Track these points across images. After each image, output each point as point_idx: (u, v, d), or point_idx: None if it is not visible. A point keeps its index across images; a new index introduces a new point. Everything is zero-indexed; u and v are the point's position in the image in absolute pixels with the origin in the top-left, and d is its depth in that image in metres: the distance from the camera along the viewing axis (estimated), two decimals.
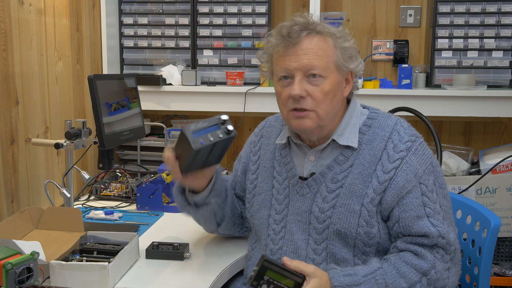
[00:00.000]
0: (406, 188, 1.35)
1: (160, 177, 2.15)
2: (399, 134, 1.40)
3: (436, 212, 1.35)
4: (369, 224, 1.37)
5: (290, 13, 2.87)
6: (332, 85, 1.38)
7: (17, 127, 1.93)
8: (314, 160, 1.46)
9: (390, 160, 1.37)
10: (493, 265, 2.49)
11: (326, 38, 1.38)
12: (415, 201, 1.35)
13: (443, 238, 1.33)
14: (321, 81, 1.36)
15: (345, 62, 1.40)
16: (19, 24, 1.93)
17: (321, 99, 1.37)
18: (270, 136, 1.60)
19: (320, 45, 1.37)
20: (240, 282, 1.61)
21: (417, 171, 1.36)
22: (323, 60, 1.36)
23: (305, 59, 1.36)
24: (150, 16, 2.81)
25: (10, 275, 1.22)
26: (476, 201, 1.69)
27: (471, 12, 2.63)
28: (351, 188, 1.39)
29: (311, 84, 1.36)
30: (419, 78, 2.69)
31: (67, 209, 1.81)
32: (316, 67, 1.35)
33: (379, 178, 1.37)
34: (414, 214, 1.35)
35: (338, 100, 1.42)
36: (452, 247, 1.34)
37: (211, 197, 1.50)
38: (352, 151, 1.42)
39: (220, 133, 1.32)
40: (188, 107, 2.70)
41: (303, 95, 1.36)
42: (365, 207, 1.37)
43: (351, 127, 1.44)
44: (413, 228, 1.34)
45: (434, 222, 1.34)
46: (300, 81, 1.36)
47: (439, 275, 1.32)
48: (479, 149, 2.72)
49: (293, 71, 1.37)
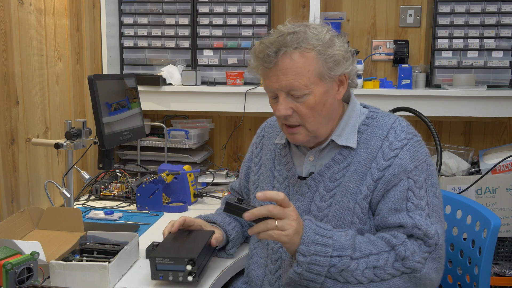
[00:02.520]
0: (393, 182, 1.35)
1: (160, 177, 2.15)
2: (396, 132, 1.41)
3: (419, 208, 1.33)
4: (362, 221, 1.37)
5: (290, 13, 2.88)
6: (318, 98, 1.37)
7: (17, 127, 1.93)
8: (313, 160, 1.47)
9: (385, 158, 1.38)
10: (493, 265, 2.49)
11: (305, 53, 1.34)
12: (398, 194, 1.34)
13: (419, 229, 1.30)
14: (305, 98, 1.36)
15: (331, 70, 1.37)
16: (19, 24, 1.93)
17: (308, 114, 1.37)
18: (270, 136, 1.61)
19: (298, 63, 1.34)
20: (240, 281, 1.61)
21: (407, 166, 1.36)
22: (303, 77, 1.34)
23: (283, 80, 1.35)
24: (150, 16, 2.81)
25: (10, 275, 1.22)
26: (476, 201, 1.69)
27: (471, 12, 2.63)
28: (347, 186, 1.39)
29: (296, 101, 1.37)
30: (419, 78, 2.69)
31: (67, 209, 1.81)
32: (295, 87, 1.35)
33: (373, 176, 1.37)
34: (392, 206, 1.34)
35: (329, 107, 1.41)
36: (432, 240, 1.30)
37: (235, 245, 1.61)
38: (350, 150, 1.43)
39: (180, 276, 1.35)
40: (188, 107, 2.70)
41: (288, 113, 1.37)
42: (359, 204, 1.37)
43: (350, 127, 1.44)
44: (389, 220, 1.34)
45: (413, 216, 1.32)
46: (284, 100, 1.37)
47: (408, 253, 1.28)
48: (479, 149, 2.72)
49: (275, 91, 1.38)
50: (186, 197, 2.17)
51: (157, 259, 1.34)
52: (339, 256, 1.27)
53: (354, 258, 1.28)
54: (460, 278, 1.67)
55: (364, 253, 1.29)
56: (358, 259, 1.28)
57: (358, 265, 1.27)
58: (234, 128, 2.99)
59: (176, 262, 1.34)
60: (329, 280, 1.28)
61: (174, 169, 2.20)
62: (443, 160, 2.47)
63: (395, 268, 1.28)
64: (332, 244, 1.28)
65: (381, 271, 1.28)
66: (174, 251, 1.38)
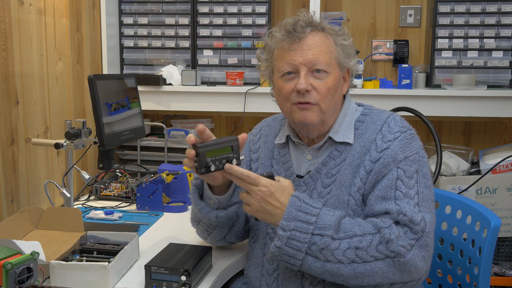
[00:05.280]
0: (383, 172, 1.36)
1: (160, 177, 2.15)
2: (389, 126, 1.43)
3: (408, 196, 1.32)
4: (356, 213, 1.38)
5: (290, 13, 2.88)
6: (334, 81, 1.42)
7: (17, 127, 1.93)
8: (311, 159, 1.48)
9: (377, 150, 1.39)
10: (493, 265, 2.50)
11: (328, 35, 1.43)
12: (386, 182, 1.35)
13: (404, 215, 1.28)
14: (325, 76, 1.40)
15: (345, 59, 1.45)
16: (19, 24, 1.93)
17: (325, 93, 1.40)
18: (268, 134, 1.61)
19: (324, 41, 1.41)
20: (240, 282, 1.61)
21: (397, 156, 1.36)
22: (326, 55, 1.40)
23: (310, 54, 1.39)
24: (150, 16, 2.81)
25: (10, 275, 1.22)
26: (476, 201, 1.69)
27: (471, 12, 2.63)
28: (342, 180, 1.41)
29: (316, 78, 1.40)
30: (419, 78, 2.69)
31: (67, 209, 1.81)
32: (320, 62, 1.39)
33: (366, 168, 1.39)
34: (380, 194, 1.34)
35: (338, 96, 1.46)
36: (418, 227, 1.28)
37: (236, 197, 1.49)
38: (346, 146, 1.44)
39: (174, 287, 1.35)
40: (188, 107, 2.70)
41: (308, 88, 1.39)
42: (353, 197, 1.38)
43: (346, 124, 1.47)
44: (375, 208, 1.34)
45: (399, 203, 1.31)
46: (306, 76, 1.39)
47: (393, 236, 1.26)
48: (479, 149, 2.72)
49: (298, 66, 1.40)
50: (186, 197, 2.17)
51: (153, 268, 1.35)
52: (320, 234, 1.27)
53: (336, 238, 1.27)
54: (460, 278, 1.67)
55: (348, 234, 1.28)
56: (341, 239, 1.27)
57: (340, 245, 1.27)
58: (234, 128, 2.99)
59: (171, 273, 1.34)
60: (310, 257, 1.28)
61: (174, 169, 2.21)
62: (443, 160, 2.47)
63: (378, 251, 1.27)
64: (315, 222, 1.28)
65: (364, 252, 1.27)
66: (170, 261, 1.38)
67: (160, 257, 1.42)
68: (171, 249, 1.48)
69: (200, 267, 1.42)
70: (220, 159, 1.32)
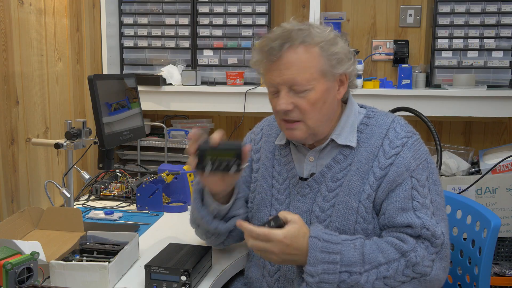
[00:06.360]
0: (397, 181, 1.35)
1: (160, 177, 2.15)
2: (395, 130, 1.41)
3: (425, 206, 1.33)
4: (366, 220, 1.37)
5: (290, 13, 2.87)
6: (319, 94, 1.36)
7: (17, 127, 1.93)
8: (313, 161, 1.47)
9: (386, 156, 1.38)
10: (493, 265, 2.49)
11: (310, 48, 1.35)
12: (403, 193, 1.34)
13: (427, 230, 1.30)
14: (306, 93, 1.35)
15: (333, 68, 1.37)
16: (19, 24, 1.93)
17: (309, 109, 1.37)
18: (269, 134, 1.61)
19: (302, 57, 1.34)
20: (240, 282, 1.60)
21: (410, 165, 1.36)
22: (306, 72, 1.34)
23: (287, 74, 1.34)
24: (150, 16, 2.81)
25: (10, 275, 1.22)
26: (476, 201, 1.69)
27: (471, 12, 2.63)
28: (349, 186, 1.39)
29: (298, 96, 1.36)
30: (419, 78, 2.69)
31: (67, 209, 1.81)
32: (298, 82, 1.34)
33: (375, 174, 1.37)
34: (399, 206, 1.34)
35: (329, 106, 1.41)
36: (439, 240, 1.30)
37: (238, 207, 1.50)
38: (351, 150, 1.43)
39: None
40: (188, 107, 2.70)
41: (288, 108, 1.36)
42: (362, 204, 1.37)
43: (349, 126, 1.45)
44: (396, 220, 1.33)
45: (420, 215, 1.32)
46: (286, 95, 1.36)
47: (419, 259, 1.28)
48: (479, 149, 2.72)
49: (277, 86, 1.37)
50: (186, 197, 2.17)
51: (153, 268, 1.35)
52: (348, 271, 1.27)
53: (363, 272, 1.28)
54: (460, 278, 1.67)
55: (373, 264, 1.28)
56: (368, 271, 1.28)
57: (368, 278, 1.27)
58: (234, 128, 2.99)
59: (171, 273, 1.34)
60: None
61: (174, 169, 2.20)
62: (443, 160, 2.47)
63: (405, 275, 1.29)
64: (340, 260, 1.27)
65: (391, 280, 1.28)
66: (170, 261, 1.38)
67: (160, 257, 1.42)
68: (171, 249, 1.48)
69: (200, 267, 1.42)
70: (220, 162, 1.32)
